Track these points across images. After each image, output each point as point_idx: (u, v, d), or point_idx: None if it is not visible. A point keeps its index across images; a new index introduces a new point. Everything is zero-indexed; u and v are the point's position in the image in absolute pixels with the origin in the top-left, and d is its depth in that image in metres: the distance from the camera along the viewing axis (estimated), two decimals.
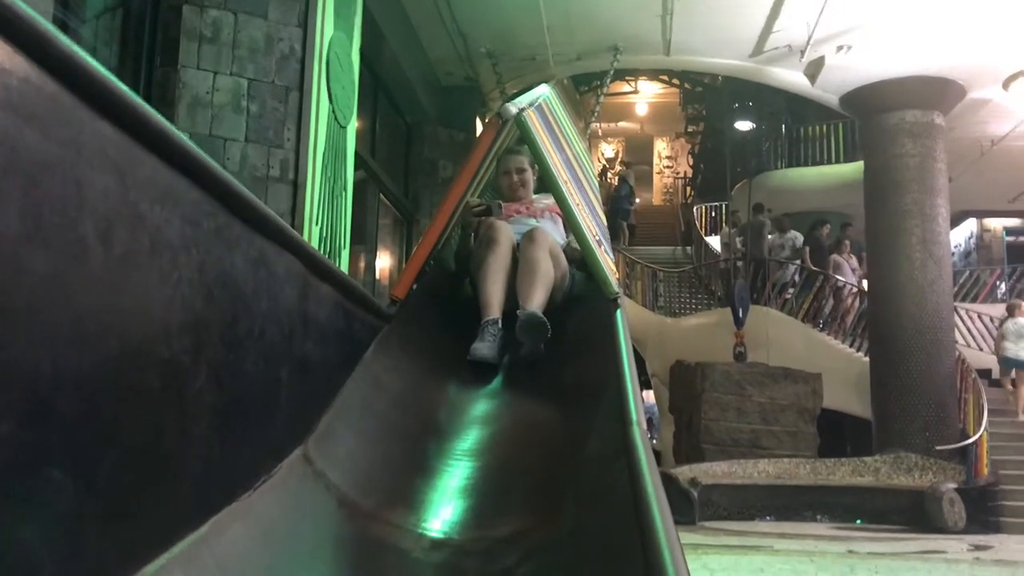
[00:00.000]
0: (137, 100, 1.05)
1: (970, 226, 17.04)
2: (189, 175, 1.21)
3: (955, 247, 15.19)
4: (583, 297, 3.20)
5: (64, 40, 0.91)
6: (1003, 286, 14.92)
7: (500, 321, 2.85)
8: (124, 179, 1.04)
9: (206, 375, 1.28)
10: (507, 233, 3.16)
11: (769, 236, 13.09)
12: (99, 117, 0.99)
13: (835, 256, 12.12)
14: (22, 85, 0.86)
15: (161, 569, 1.11)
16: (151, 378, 1.14)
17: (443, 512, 1.84)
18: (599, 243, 2.90)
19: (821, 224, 12.96)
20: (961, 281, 14.22)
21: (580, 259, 3.12)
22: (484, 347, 2.73)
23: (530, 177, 3.55)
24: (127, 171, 1.05)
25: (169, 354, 1.18)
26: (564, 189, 2.81)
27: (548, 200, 3.45)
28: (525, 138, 2.85)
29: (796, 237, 13.05)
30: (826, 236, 12.79)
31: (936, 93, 9.25)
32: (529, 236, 3.11)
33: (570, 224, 2.89)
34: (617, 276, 2.91)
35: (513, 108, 2.84)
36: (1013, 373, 10.33)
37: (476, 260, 3.11)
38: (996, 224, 16.89)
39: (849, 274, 11.95)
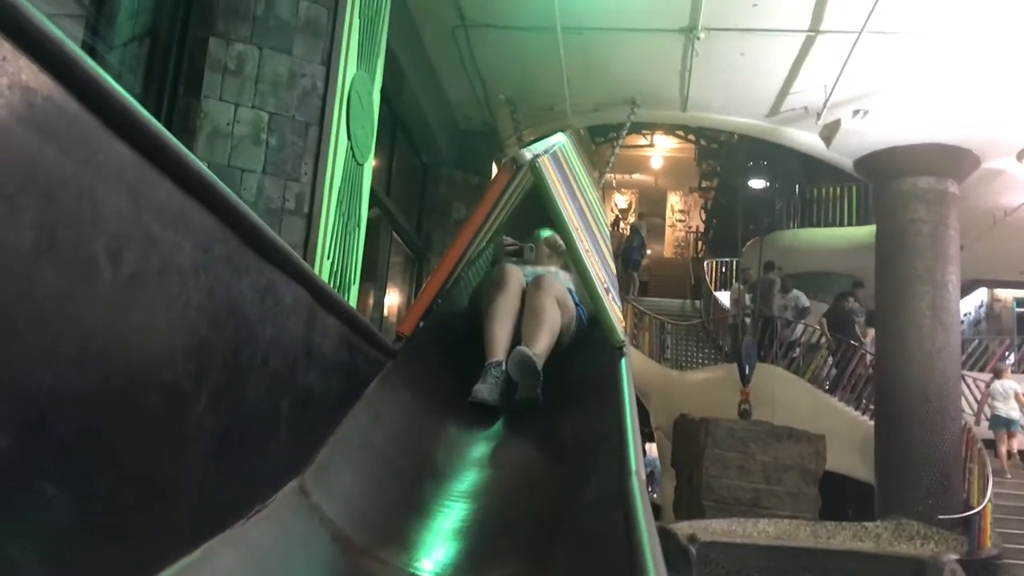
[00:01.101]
0: (155, 124, 1.07)
1: (980, 295, 17.00)
2: (202, 201, 1.22)
3: (965, 315, 15.13)
4: (588, 343, 3.20)
5: (88, 62, 0.93)
6: (1012, 357, 14.83)
7: (504, 364, 2.85)
8: (138, 201, 1.06)
9: (207, 400, 1.28)
10: (517, 276, 3.18)
11: (777, 294, 13.07)
12: (117, 139, 1.00)
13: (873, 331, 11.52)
14: (45, 103, 0.88)
15: None
16: (152, 400, 1.14)
17: (436, 553, 1.83)
18: (607, 291, 2.91)
19: (846, 297, 12.53)
20: (970, 350, 14.14)
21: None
22: (485, 389, 2.73)
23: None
24: (141, 193, 1.07)
25: (172, 377, 1.18)
26: (575, 236, 2.82)
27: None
28: (538, 185, 2.86)
29: (799, 297, 13.01)
30: (849, 308, 12.31)
31: (951, 161, 9.28)
32: (536, 283, 3.13)
33: (579, 271, 2.90)
34: (624, 325, 2.91)
35: (528, 154, 2.86)
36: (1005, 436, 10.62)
37: (485, 300, 3.13)
38: (1007, 294, 16.85)
39: None
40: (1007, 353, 14.89)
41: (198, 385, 1.25)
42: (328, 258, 4.52)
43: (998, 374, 11.37)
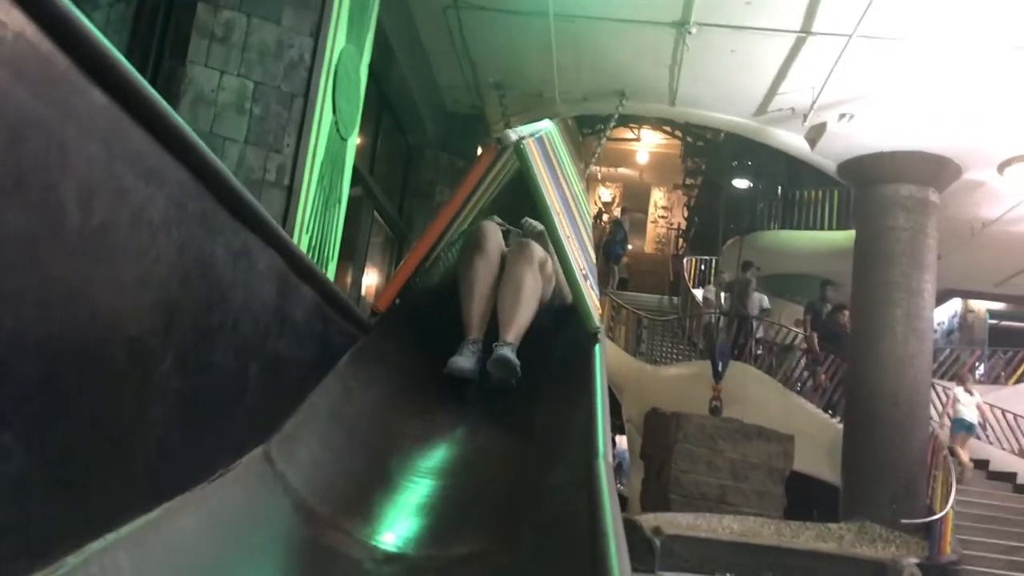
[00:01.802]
0: (132, 71, 1.04)
1: (954, 305, 17.13)
2: (178, 155, 1.20)
3: (938, 325, 15.26)
4: (563, 327, 3.18)
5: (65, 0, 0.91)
6: (982, 367, 14.98)
7: (480, 342, 2.83)
8: (111, 149, 1.03)
9: (173, 359, 1.26)
10: (496, 239, 3.11)
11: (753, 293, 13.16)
12: (92, 83, 0.98)
13: None
14: (16, 40, 0.85)
15: (107, 547, 1.09)
16: (116, 354, 1.12)
17: (399, 527, 1.82)
18: (585, 277, 2.89)
19: (840, 309, 11.96)
20: (941, 359, 14.28)
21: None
22: (462, 360, 2.70)
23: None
24: (115, 141, 1.04)
25: (138, 332, 1.16)
26: (556, 221, 2.80)
27: None
28: (523, 167, 2.83)
29: (762, 298, 13.15)
30: (844, 323, 11.64)
31: (933, 170, 9.34)
32: (518, 249, 3.07)
33: (558, 255, 2.88)
34: (600, 313, 2.89)
35: (513, 135, 2.83)
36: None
37: (463, 266, 3.07)
38: (980, 306, 17.00)
39: None
40: (977, 364, 15.05)
41: (165, 342, 1.23)
42: (307, 232, 4.49)
43: (962, 380, 11.69)
